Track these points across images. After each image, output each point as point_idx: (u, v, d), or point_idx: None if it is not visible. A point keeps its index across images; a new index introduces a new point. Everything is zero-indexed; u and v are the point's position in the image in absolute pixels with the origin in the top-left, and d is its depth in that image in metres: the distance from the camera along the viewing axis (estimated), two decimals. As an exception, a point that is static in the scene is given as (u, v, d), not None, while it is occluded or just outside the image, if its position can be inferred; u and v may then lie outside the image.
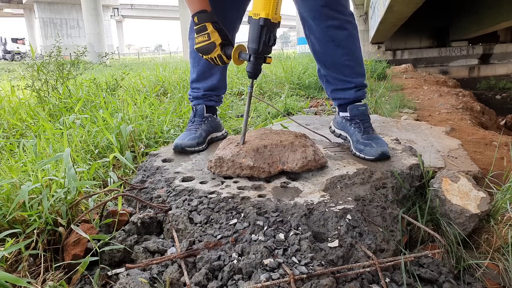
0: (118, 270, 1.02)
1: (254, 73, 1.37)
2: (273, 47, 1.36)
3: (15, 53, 34.87)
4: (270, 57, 1.37)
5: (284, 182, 1.35)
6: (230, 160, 1.37)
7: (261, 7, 1.27)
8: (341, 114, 1.73)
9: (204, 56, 1.48)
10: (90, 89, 3.77)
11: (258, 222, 1.10)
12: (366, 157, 1.51)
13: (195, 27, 1.46)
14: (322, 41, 1.61)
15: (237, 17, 1.74)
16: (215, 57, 1.45)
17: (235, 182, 1.36)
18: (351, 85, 1.65)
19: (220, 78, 1.83)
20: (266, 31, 1.29)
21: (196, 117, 1.81)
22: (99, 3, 24.81)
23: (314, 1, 1.53)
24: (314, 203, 1.18)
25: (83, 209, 1.33)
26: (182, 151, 1.66)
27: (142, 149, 2.10)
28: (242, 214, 1.14)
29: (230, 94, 4.40)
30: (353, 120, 1.65)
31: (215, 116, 1.89)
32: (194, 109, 1.84)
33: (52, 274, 1.03)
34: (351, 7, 1.45)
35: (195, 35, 1.47)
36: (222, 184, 1.35)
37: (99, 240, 1.10)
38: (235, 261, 0.97)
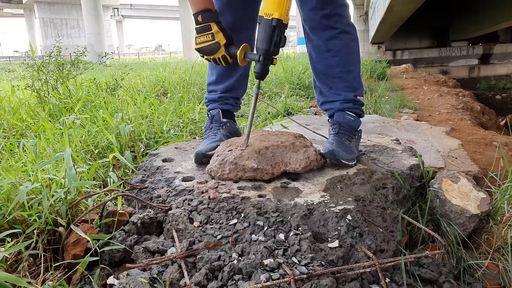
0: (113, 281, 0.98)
1: (262, 74, 1.35)
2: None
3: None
4: (276, 58, 1.36)
5: (284, 182, 1.35)
6: (232, 163, 1.34)
7: (274, 7, 1.25)
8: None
9: (205, 57, 1.44)
10: (90, 89, 3.77)
11: (258, 222, 1.10)
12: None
13: (196, 26, 1.41)
14: (319, 50, 1.59)
15: (254, 14, 1.64)
16: (218, 58, 1.42)
17: (235, 182, 1.36)
18: (339, 97, 1.61)
19: (239, 78, 1.73)
20: (278, 32, 1.28)
21: (213, 123, 1.70)
22: (99, 3, 24.81)
23: (313, 13, 1.51)
24: (314, 203, 1.18)
25: (83, 209, 1.33)
26: (204, 157, 1.50)
27: (142, 149, 2.10)
28: (242, 214, 1.14)
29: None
30: (335, 124, 1.60)
31: (234, 122, 1.78)
32: (209, 116, 1.73)
33: (52, 274, 1.03)
34: (351, 7, 1.43)
35: (196, 35, 1.42)
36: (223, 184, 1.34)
37: (99, 240, 1.10)
38: (235, 261, 0.97)
